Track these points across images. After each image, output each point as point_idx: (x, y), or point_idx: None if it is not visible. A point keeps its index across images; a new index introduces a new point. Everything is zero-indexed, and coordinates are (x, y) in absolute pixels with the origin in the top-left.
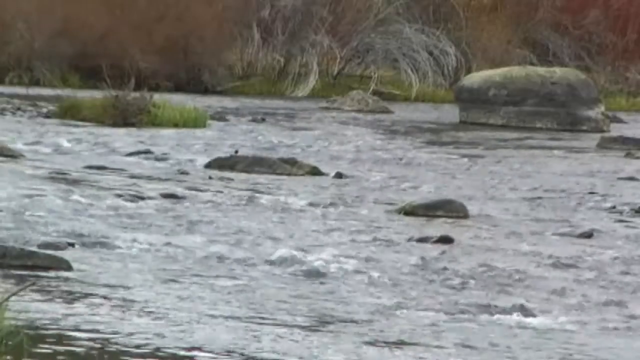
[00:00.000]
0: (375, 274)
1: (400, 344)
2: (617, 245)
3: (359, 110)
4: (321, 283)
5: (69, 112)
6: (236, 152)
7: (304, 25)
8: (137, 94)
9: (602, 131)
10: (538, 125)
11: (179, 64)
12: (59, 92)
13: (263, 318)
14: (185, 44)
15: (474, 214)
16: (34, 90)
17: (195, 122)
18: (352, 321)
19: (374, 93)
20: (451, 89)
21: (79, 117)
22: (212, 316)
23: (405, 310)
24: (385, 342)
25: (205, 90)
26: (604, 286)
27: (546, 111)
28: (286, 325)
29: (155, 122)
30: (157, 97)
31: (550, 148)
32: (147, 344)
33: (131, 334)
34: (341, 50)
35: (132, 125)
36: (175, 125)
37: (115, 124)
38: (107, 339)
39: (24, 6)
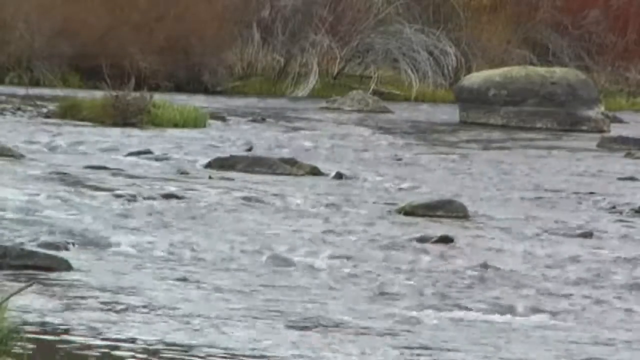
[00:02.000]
0: (375, 275)
1: (400, 344)
2: (617, 245)
3: (359, 110)
4: (321, 283)
5: (69, 112)
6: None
7: (304, 25)
8: (137, 94)
9: (602, 131)
10: (538, 125)
11: (179, 64)
12: (59, 92)
13: (263, 319)
14: (186, 44)
15: (474, 214)
16: (34, 90)
17: (195, 122)
18: (353, 322)
19: (374, 93)
20: (451, 89)
21: (79, 117)
22: (212, 316)
23: (405, 311)
24: (385, 343)
25: (205, 90)
26: (604, 286)
27: (546, 111)
28: (285, 326)
29: (155, 122)
30: (157, 97)
31: (550, 148)
32: (146, 344)
33: (131, 334)
34: (341, 50)
35: (132, 125)
36: (175, 125)
37: (115, 124)
38: (106, 339)
39: (24, 6)
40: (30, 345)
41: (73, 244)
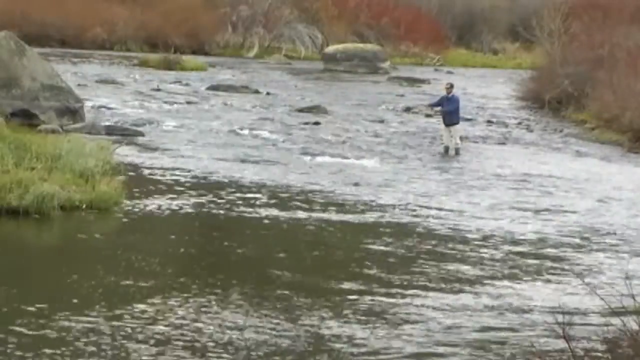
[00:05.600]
0: (281, 139)
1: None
2: (395, 125)
3: (277, 64)
4: (264, 149)
5: (144, 63)
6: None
7: (252, 23)
8: (175, 55)
9: (388, 74)
10: (360, 71)
11: (194, 41)
12: (139, 55)
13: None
14: (197, 30)
15: (331, 112)
16: (127, 54)
17: (202, 67)
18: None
19: (285, 56)
20: (319, 53)
21: (148, 65)
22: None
23: (297, 154)
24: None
25: (206, 54)
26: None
27: (364, 64)
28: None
29: (184, 67)
30: (184, 57)
31: (365, 81)
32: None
33: (171, 165)
34: (270, 35)
35: (173, 69)
36: (192, 69)
37: (166, 68)
38: (167, 169)
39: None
40: (125, 176)
41: (144, 124)
